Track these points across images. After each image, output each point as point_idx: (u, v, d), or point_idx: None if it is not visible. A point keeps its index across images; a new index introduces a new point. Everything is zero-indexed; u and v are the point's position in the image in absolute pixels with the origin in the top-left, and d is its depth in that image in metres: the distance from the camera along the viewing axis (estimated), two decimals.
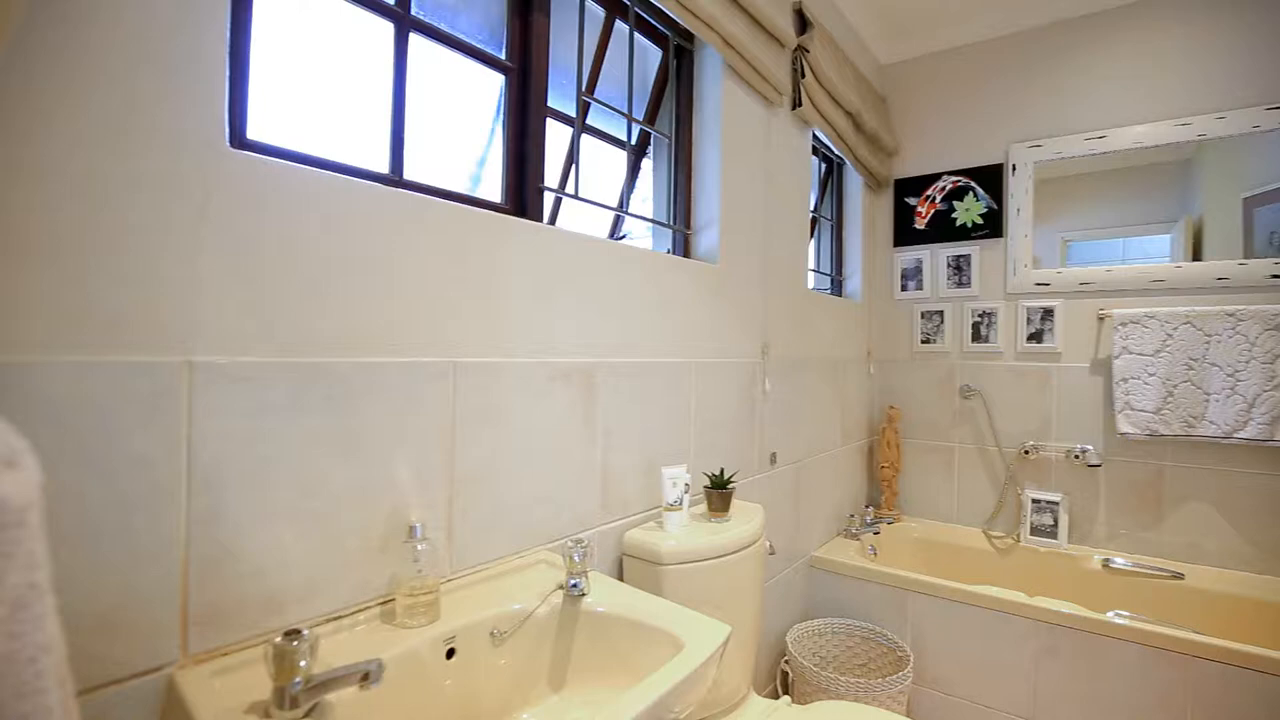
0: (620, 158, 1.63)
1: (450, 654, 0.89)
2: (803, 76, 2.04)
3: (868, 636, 2.09)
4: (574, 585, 0.98)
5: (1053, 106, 2.48)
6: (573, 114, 1.44)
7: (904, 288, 2.80)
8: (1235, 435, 2.08)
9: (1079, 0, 2.40)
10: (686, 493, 1.38)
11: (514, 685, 0.96)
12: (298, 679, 0.67)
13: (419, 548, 0.91)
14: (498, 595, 1.01)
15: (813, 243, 2.59)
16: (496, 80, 1.31)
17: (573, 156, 1.44)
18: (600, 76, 1.56)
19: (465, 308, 1.06)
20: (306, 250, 0.85)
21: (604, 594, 1.02)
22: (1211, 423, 2.11)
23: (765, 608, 1.94)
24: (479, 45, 1.23)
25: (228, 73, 0.78)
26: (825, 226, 2.74)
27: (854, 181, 2.74)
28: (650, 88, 1.73)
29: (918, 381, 2.76)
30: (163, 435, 0.72)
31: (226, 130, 0.78)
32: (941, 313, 2.70)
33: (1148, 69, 2.30)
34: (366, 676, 0.69)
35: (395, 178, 1.07)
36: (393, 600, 0.92)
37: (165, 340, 0.72)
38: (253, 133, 0.88)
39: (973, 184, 2.63)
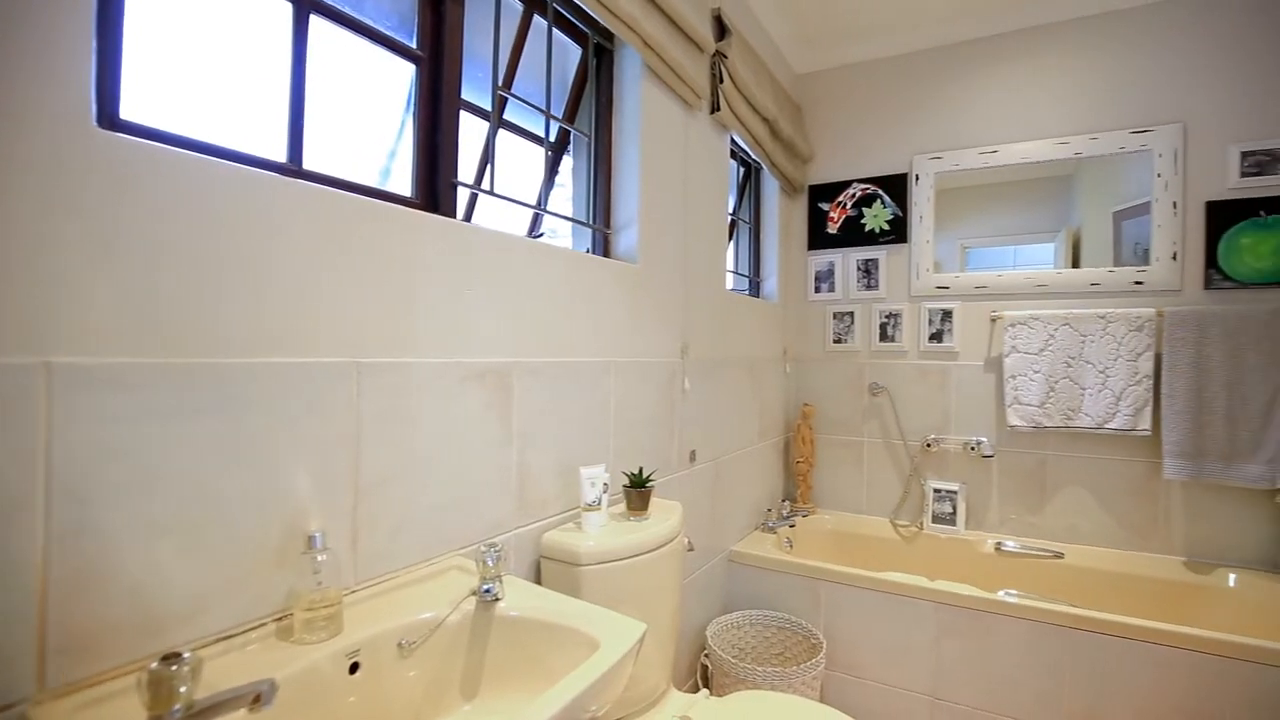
0: (539, 155, 1.61)
1: (354, 668, 0.85)
2: (721, 81, 2.09)
3: (784, 626, 2.16)
4: (486, 590, 0.96)
5: (951, 121, 2.65)
6: (488, 108, 1.40)
7: (817, 289, 2.91)
8: (1106, 426, 2.29)
9: (974, 25, 2.58)
10: (605, 492, 1.38)
11: (424, 697, 0.93)
12: (177, 706, 0.61)
13: (319, 558, 0.86)
14: (406, 604, 0.97)
15: (731, 245, 2.65)
16: (408, 70, 1.26)
17: (488, 152, 1.41)
18: (518, 72, 1.53)
19: (372, 306, 1.01)
20: (192, 241, 0.79)
21: (518, 598, 1.00)
22: (1086, 415, 2.32)
23: (685, 604, 1.97)
24: (387, 32, 1.18)
25: (95, 45, 0.71)
26: (744, 229, 2.82)
27: (771, 186, 2.83)
28: (570, 85, 1.72)
29: (830, 380, 2.88)
30: (14, 444, 0.65)
31: (94, 109, 0.71)
32: (852, 314, 2.83)
33: (1033, 91, 2.50)
34: (258, 698, 0.65)
35: (294, 167, 1.02)
36: (290, 615, 0.87)
37: (17, 340, 0.65)
38: (129, 113, 0.81)
39: (880, 192, 2.77)
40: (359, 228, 1.00)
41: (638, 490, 1.47)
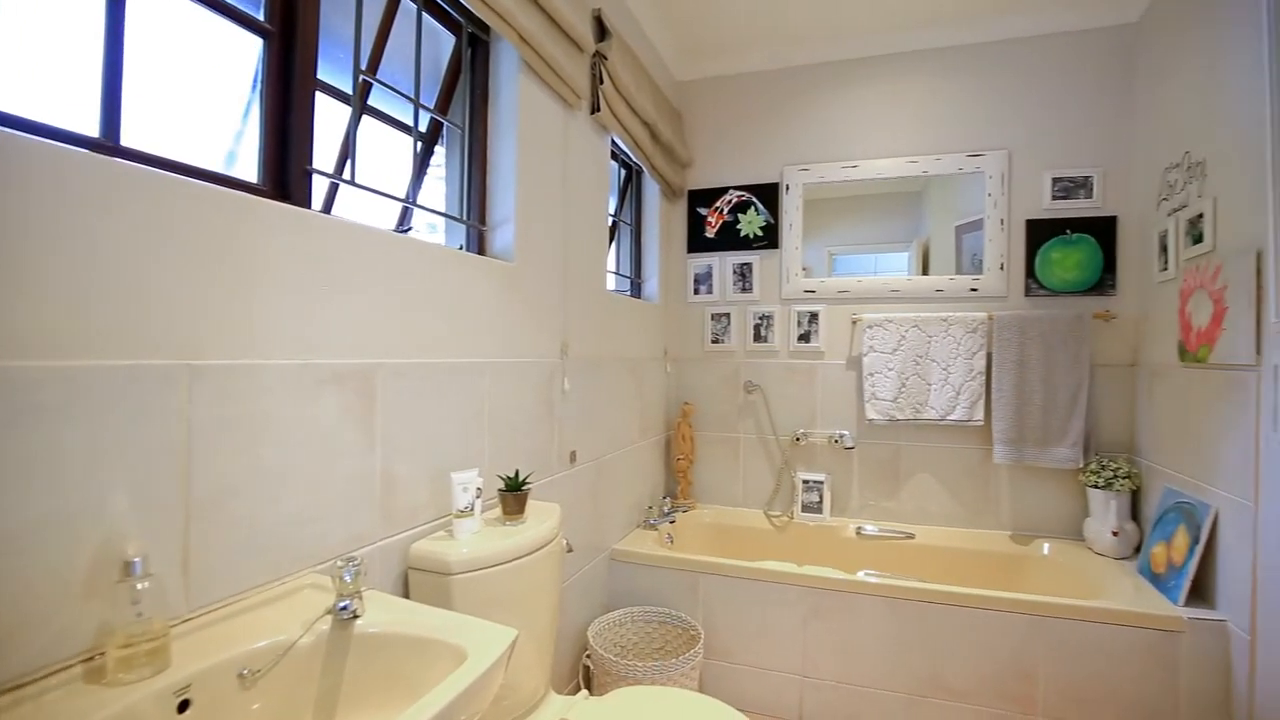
0: (409, 146, 1.53)
1: (183, 706, 0.76)
2: (601, 82, 2.09)
3: (664, 620, 2.21)
4: (343, 608, 0.90)
5: (818, 136, 2.83)
6: (350, 92, 1.32)
7: (696, 291, 3.00)
8: (948, 417, 2.55)
9: (839, 48, 2.76)
10: (479, 497, 1.33)
11: None
12: None
13: (139, 586, 0.76)
14: (251, 630, 0.89)
15: (613, 246, 2.67)
16: (256, 45, 1.15)
17: (350, 140, 1.32)
18: (385, 56, 1.45)
19: (207, 302, 0.91)
20: None
21: (380, 613, 0.95)
22: (932, 408, 2.57)
23: (566, 605, 1.96)
24: (229, 0, 1.07)
25: None
26: (625, 231, 2.85)
27: (652, 189, 2.88)
28: (443, 74, 1.65)
29: (709, 378, 2.98)
30: None
31: None
32: (728, 315, 2.94)
33: (888, 112, 2.73)
34: None
35: (110, 144, 0.90)
36: (103, 654, 0.76)
37: None
38: None
39: (754, 199, 2.91)
40: (191, 215, 0.90)
41: (513, 494, 1.44)
